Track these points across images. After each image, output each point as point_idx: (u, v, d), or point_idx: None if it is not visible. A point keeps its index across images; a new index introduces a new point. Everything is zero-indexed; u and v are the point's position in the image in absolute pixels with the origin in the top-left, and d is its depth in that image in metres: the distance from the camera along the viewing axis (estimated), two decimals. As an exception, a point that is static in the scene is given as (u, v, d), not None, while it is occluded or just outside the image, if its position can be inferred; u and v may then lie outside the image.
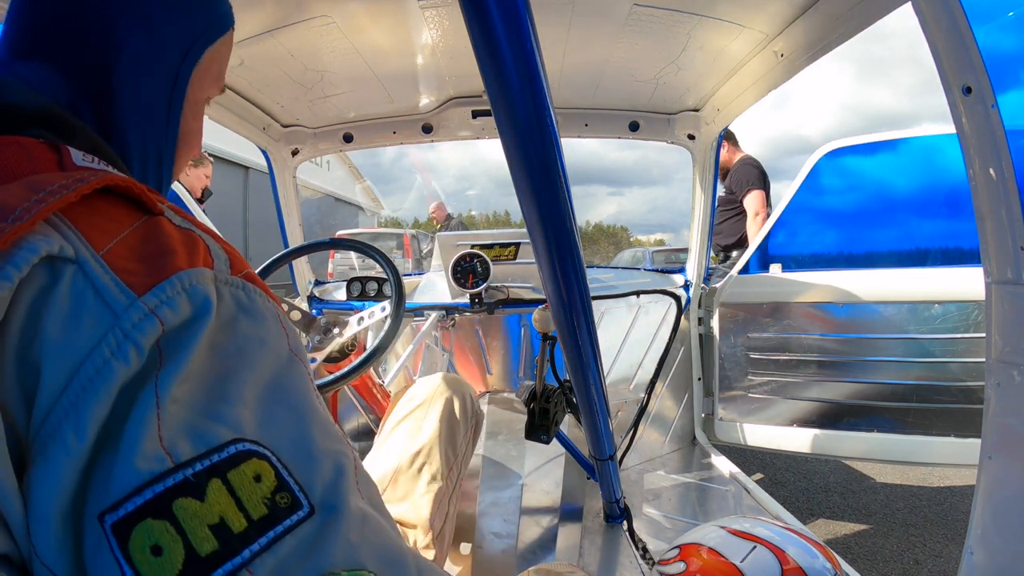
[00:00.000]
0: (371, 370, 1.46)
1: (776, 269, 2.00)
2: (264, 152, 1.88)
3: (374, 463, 1.07)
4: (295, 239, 2.04)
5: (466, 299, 1.82)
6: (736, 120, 1.72)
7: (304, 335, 1.23)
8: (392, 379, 1.77)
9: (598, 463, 1.17)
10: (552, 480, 1.38)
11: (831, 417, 1.88)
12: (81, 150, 0.37)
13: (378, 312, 1.22)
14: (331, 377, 1.10)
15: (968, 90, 0.73)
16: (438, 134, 1.85)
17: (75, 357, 0.27)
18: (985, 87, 0.72)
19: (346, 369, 1.11)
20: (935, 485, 2.57)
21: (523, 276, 1.85)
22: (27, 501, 0.26)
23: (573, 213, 0.56)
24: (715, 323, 2.01)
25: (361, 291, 1.84)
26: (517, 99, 0.45)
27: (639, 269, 2.50)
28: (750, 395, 1.99)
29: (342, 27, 1.22)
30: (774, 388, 1.95)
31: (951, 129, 0.78)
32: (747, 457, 2.73)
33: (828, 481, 2.67)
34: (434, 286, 2.06)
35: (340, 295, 2.08)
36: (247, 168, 10.79)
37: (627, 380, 1.94)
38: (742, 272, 2.04)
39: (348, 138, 1.89)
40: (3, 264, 0.26)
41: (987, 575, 0.78)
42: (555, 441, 1.17)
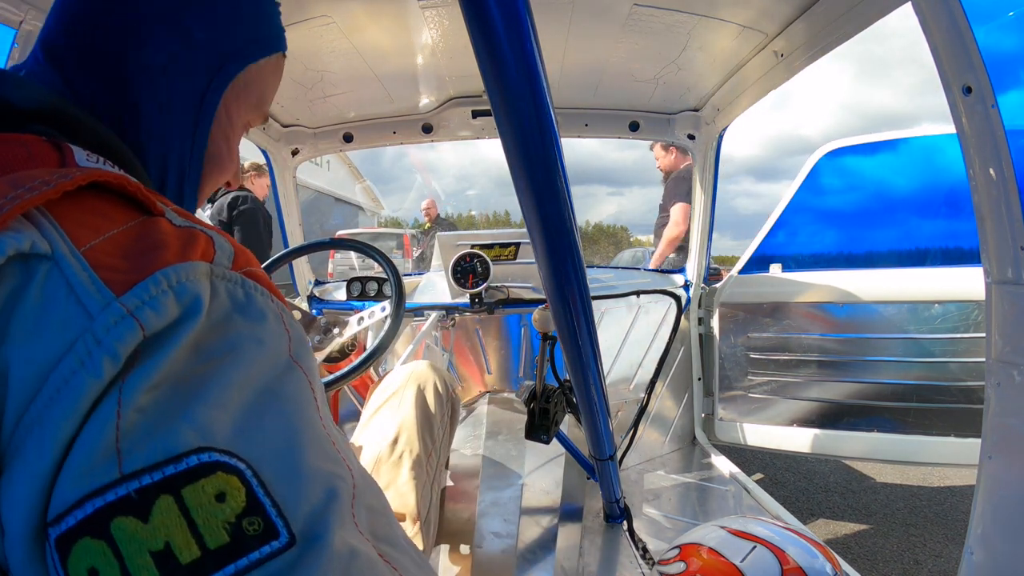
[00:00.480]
0: (371, 370, 1.46)
1: (776, 269, 2.00)
2: (264, 152, 1.88)
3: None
4: (295, 239, 2.05)
5: (466, 299, 1.82)
6: (736, 120, 1.72)
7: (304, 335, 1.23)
8: (392, 379, 1.77)
9: (598, 463, 1.17)
10: (552, 480, 1.38)
11: (831, 417, 1.88)
12: (87, 149, 0.35)
13: (378, 312, 1.22)
14: (331, 377, 1.10)
15: (968, 90, 0.73)
16: (438, 134, 1.86)
17: (43, 364, 0.24)
18: (985, 87, 0.72)
19: (346, 369, 1.11)
20: (935, 485, 2.57)
21: (523, 276, 1.85)
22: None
23: (573, 213, 0.56)
24: (715, 323, 2.01)
25: (361, 291, 1.84)
26: (517, 99, 0.45)
27: (639, 269, 2.49)
28: (750, 395, 1.99)
29: (342, 27, 1.22)
30: (774, 388, 1.95)
31: (951, 129, 0.78)
32: (747, 457, 2.73)
33: (828, 481, 2.67)
34: (434, 286, 2.06)
35: (340, 295, 2.08)
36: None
37: (627, 380, 1.94)
38: (742, 272, 2.05)
39: (348, 138, 1.89)
40: None
41: (987, 575, 0.78)
42: (555, 441, 1.17)
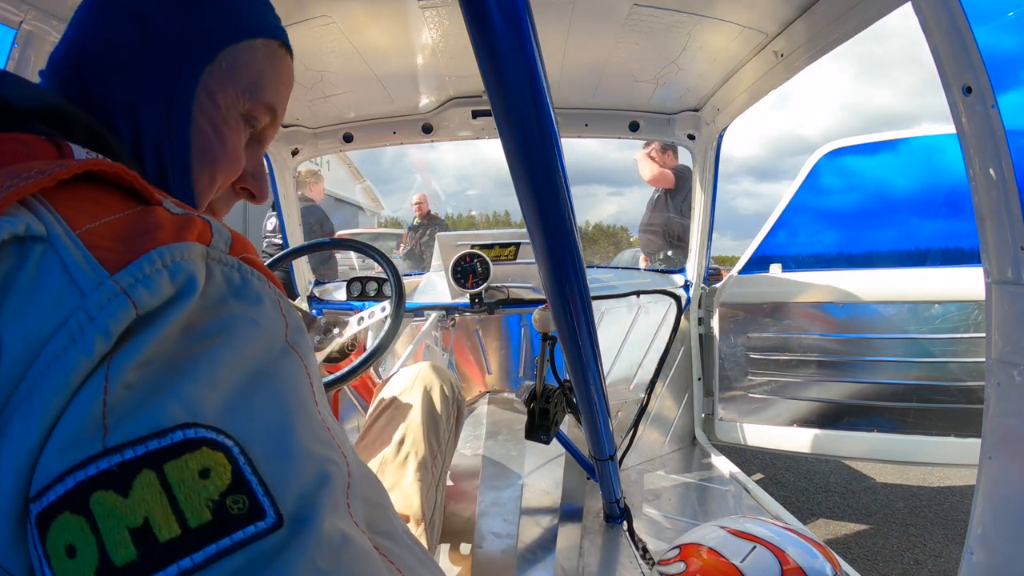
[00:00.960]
0: (371, 370, 1.46)
1: (776, 269, 2.00)
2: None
3: (359, 455, 1.06)
4: (295, 239, 2.05)
5: (466, 299, 1.82)
6: (736, 120, 1.72)
7: None
8: (392, 379, 1.78)
9: (598, 463, 1.17)
10: (552, 480, 1.38)
11: (831, 417, 1.88)
12: (85, 146, 0.36)
13: (378, 312, 1.22)
14: (331, 377, 1.10)
15: (968, 90, 0.73)
16: (438, 134, 1.86)
17: (35, 341, 0.24)
18: (985, 87, 0.72)
19: (346, 369, 1.11)
20: (935, 485, 2.57)
21: (523, 276, 1.85)
22: None
23: (573, 213, 0.56)
24: (715, 323, 2.01)
25: (361, 291, 1.84)
26: (517, 99, 0.45)
27: (639, 269, 2.49)
28: (750, 395, 1.99)
29: (342, 27, 1.22)
30: (774, 388, 1.95)
31: (951, 129, 0.78)
32: (747, 457, 2.73)
33: (828, 481, 2.67)
34: (434, 286, 2.06)
35: (340, 295, 2.08)
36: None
37: (627, 380, 1.94)
38: (742, 272, 2.05)
39: (348, 138, 1.89)
40: None
41: (987, 575, 0.78)
42: (555, 441, 1.17)
